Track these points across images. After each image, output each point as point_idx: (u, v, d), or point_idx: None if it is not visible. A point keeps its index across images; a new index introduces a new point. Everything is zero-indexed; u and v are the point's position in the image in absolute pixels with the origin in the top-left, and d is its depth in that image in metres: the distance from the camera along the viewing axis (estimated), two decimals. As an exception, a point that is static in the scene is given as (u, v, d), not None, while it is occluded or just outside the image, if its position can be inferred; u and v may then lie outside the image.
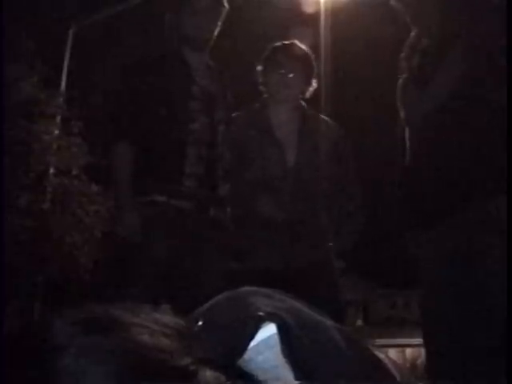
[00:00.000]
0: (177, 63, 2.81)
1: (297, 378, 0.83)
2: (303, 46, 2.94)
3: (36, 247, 6.48)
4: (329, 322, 0.92)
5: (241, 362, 0.83)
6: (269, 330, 0.85)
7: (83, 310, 0.71)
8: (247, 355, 0.83)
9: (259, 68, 2.92)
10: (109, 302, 0.73)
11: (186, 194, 2.69)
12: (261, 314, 0.85)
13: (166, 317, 0.73)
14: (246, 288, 0.94)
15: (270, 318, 0.85)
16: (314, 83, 2.94)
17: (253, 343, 0.84)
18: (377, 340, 6.01)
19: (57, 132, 6.98)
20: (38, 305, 6.45)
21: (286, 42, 2.93)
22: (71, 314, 0.70)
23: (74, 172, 7.34)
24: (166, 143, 2.71)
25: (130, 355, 0.66)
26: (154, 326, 0.70)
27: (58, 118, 6.95)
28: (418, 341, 6.12)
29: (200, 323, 0.85)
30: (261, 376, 0.83)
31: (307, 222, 2.83)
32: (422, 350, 5.90)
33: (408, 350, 6.27)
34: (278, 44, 2.93)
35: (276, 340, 0.85)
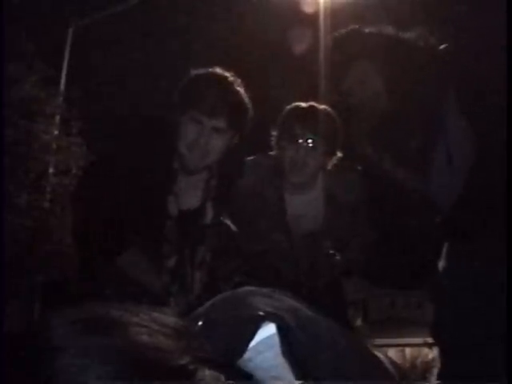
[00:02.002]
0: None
1: (296, 378, 0.84)
2: (323, 107, 2.52)
3: (36, 247, 6.47)
4: (328, 322, 0.92)
5: (240, 362, 0.83)
6: (268, 330, 0.85)
7: (83, 310, 0.71)
8: (247, 355, 0.83)
9: (274, 133, 2.58)
10: (108, 301, 0.73)
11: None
12: (261, 313, 0.85)
13: (165, 316, 0.73)
14: (246, 288, 0.95)
15: (270, 317, 0.86)
16: (339, 153, 2.55)
17: (252, 343, 0.84)
18: (376, 339, 6.01)
19: (56, 132, 6.97)
20: (38, 305, 6.45)
21: (304, 105, 2.55)
22: (71, 313, 0.71)
23: (74, 172, 7.32)
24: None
25: (129, 355, 0.66)
26: (153, 325, 0.70)
27: (58, 118, 6.95)
28: (418, 340, 6.13)
29: (200, 323, 0.85)
30: (260, 376, 0.83)
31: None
32: (422, 350, 5.91)
33: (407, 350, 6.27)
34: (295, 107, 2.56)
35: (276, 340, 0.85)
